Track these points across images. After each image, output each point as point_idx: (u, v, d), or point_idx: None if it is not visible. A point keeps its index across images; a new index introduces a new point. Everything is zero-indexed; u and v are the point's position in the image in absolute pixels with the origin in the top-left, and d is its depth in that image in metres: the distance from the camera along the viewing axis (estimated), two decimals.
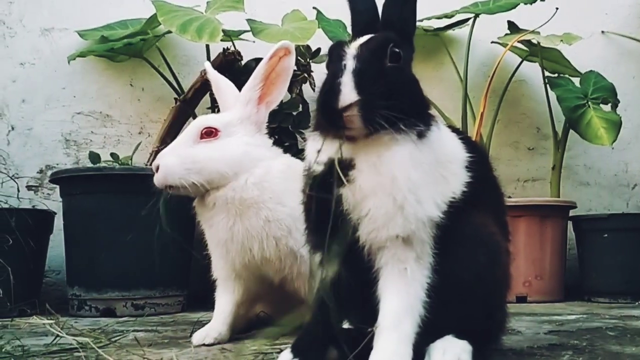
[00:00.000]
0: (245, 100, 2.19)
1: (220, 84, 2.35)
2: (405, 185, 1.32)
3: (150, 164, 3.37)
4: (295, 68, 3.61)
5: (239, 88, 3.52)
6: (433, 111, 1.48)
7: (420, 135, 1.36)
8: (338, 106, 1.28)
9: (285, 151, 3.39)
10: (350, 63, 1.33)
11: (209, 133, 2.05)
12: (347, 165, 1.35)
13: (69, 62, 3.63)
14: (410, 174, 1.33)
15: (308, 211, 1.47)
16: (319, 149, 1.37)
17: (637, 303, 3.36)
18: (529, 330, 2.23)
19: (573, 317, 2.71)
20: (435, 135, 1.40)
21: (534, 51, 3.88)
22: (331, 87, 1.30)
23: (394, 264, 1.37)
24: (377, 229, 1.35)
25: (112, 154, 3.32)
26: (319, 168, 1.38)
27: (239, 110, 2.16)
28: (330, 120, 1.31)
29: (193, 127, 2.09)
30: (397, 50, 1.38)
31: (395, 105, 1.30)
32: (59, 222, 3.28)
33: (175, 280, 3.13)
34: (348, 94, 1.28)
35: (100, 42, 3.66)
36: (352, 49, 1.37)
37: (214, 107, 3.64)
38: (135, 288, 3.00)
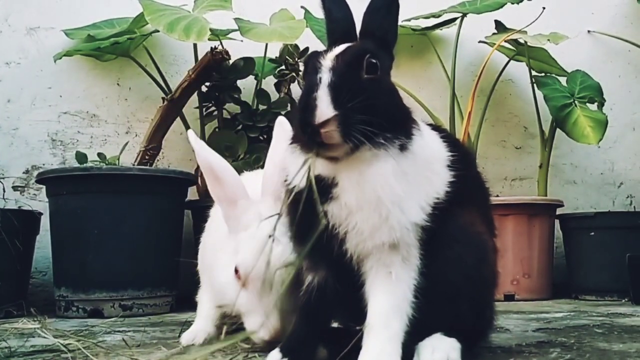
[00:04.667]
0: None
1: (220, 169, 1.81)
2: (389, 201, 1.32)
3: (138, 164, 3.37)
4: (284, 67, 3.63)
5: (227, 88, 3.55)
6: (416, 111, 1.47)
7: (402, 148, 1.35)
8: (315, 122, 1.26)
9: None
10: (326, 76, 1.29)
11: None
12: (329, 184, 1.34)
13: (55, 62, 3.60)
14: (393, 189, 1.32)
15: (292, 223, 1.46)
16: (300, 167, 1.36)
17: (623, 300, 3.39)
18: (517, 328, 2.24)
19: (561, 314, 2.73)
20: (417, 143, 1.39)
21: (521, 50, 3.90)
22: (307, 103, 1.27)
23: (379, 267, 1.38)
24: (363, 240, 1.35)
25: (99, 154, 3.30)
26: (300, 183, 1.38)
27: None
28: (309, 137, 1.29)
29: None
30: (373, 61, 1.35)
31: (373, 119, 1.28)
32: (45, 223, 3.25)
33: (163, 280, 3.12)
34: (325, 109, 1.25)
35: (87, 41, 3.63)
36: (327, 61, 1.33)
37: (202, 107, 3.64)
38: (123, 289, 2.98)
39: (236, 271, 1.66)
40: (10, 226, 3.00)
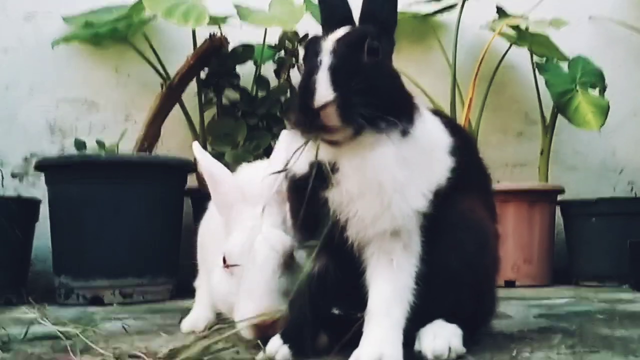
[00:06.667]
0: None
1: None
2: (391, 187, 1.31)
3: (137, 151, 3.36)
4: (283, 53, 3.61)
5: (226, 75, 3.53)
6: (417, 97, 1.45)
7: (404, 133, 1.34)
8: (314, 105, 1.24)
9: (272, 137, 3.41)
10: (326, 59, 1.28)
11: None
12: (330, 169, 1.33)
13: (53, 48, 3.58)
14: (395, 175, 1.31)
15: (294, 210, 1.45)
16: (299, 150, 1.35)
17: (624, 287, 3.38)
18: (518, 314, 2.24)
19: (562, 301, 2.73)
20: (419, 129, 1.38)
21: (522, 36, 3.87)
22: (307, 86, 1.26)
23: (380, 254, 1.37)
24: (365, 228, 1.34)
25: (97, 141, 3.28)
26: (300, 169, 1.36)
27: None
28: (308, 120, 1.28)
29: None
30: (375, 44, 1.34)
31: (374, 102, 1.27)
32: (44, 210, 3.24)
33: (163, 267, 3.12)
34: (324, 92, 1.24)
35: (85, 28, 3.60)
36: (328, 44, 1.32)
37: (200, 94, 3.62)
38: (123, 276, 2.97)
39: (224, 262, 1.66)
40: (9, 214, 2.99)
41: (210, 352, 1.46)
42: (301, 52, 3.50)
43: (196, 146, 1.90)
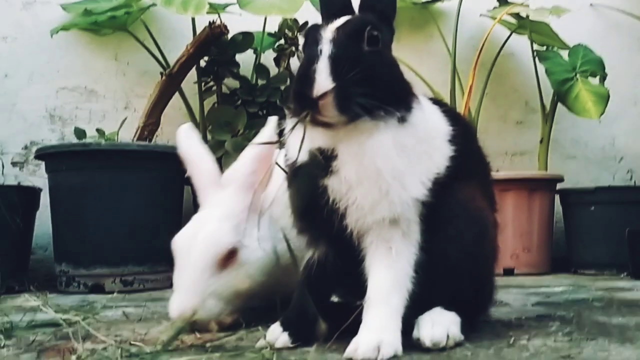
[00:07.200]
0: None
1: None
2: (389, 175, 1.31)
3: (137, 139, 3.36)
4: (283, 41, 3.60)
5: (225, 63, 3.52)
6: (417, 85, 1.45)
7: (402, 120, 1.34)
8: (313, 95, 1.25)
9: None
10: (326, 48, 1.29)
11: None
12: (328, 156, 1.33)
13: (52, 36, 3.57)
14: (393, 162, 1.32)
15: (293, 197, 1.46)
16: (288, 135, 1.36)
17: (622, 275, 3.40)
18: (516, 302, 2.25)
19: (560, 289, 2.74)
20: (417, 116, 1.38)
21: (522, 24, 3.86)
22: (306, 75, 1.27)
23: (379, 242, 1.37)
24: (364, 216, 1.34)
25: (97, 130, 3.29)
26: (300, 156, 1.37)
27: None
28: (306, 109, 1.28)
29: None
30: (375, 33, 1.34)
31: (373, 91, 1.27)
32: (45, 199, 3.24)
33: (164, 256, 3.10)
34: (323, 81, 1.24)
35: (84, 15, 3.58)
36: (328, 32, 1.32)
37: (200, 82, 3.61)
38: (123, 264, 2.98)
39: None
40: (10, 202, 3.00)
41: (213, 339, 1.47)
42: (301, 40, 3.49)
43: (182, 129, 1.87)
